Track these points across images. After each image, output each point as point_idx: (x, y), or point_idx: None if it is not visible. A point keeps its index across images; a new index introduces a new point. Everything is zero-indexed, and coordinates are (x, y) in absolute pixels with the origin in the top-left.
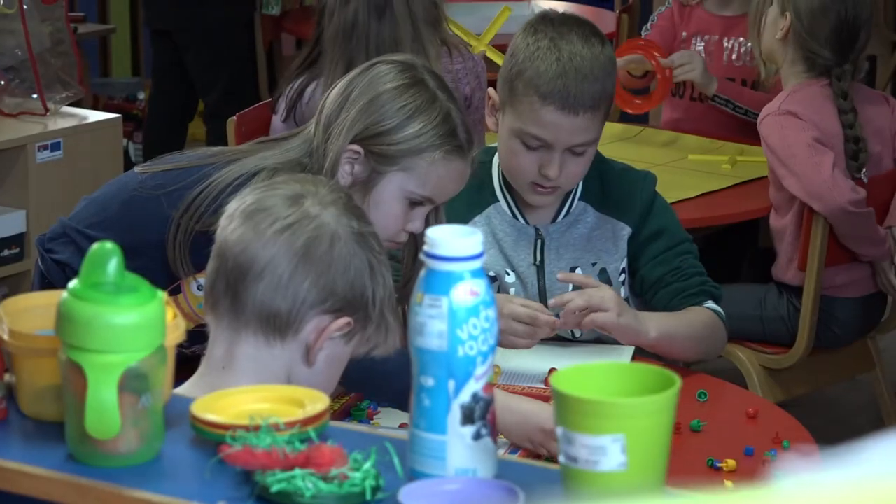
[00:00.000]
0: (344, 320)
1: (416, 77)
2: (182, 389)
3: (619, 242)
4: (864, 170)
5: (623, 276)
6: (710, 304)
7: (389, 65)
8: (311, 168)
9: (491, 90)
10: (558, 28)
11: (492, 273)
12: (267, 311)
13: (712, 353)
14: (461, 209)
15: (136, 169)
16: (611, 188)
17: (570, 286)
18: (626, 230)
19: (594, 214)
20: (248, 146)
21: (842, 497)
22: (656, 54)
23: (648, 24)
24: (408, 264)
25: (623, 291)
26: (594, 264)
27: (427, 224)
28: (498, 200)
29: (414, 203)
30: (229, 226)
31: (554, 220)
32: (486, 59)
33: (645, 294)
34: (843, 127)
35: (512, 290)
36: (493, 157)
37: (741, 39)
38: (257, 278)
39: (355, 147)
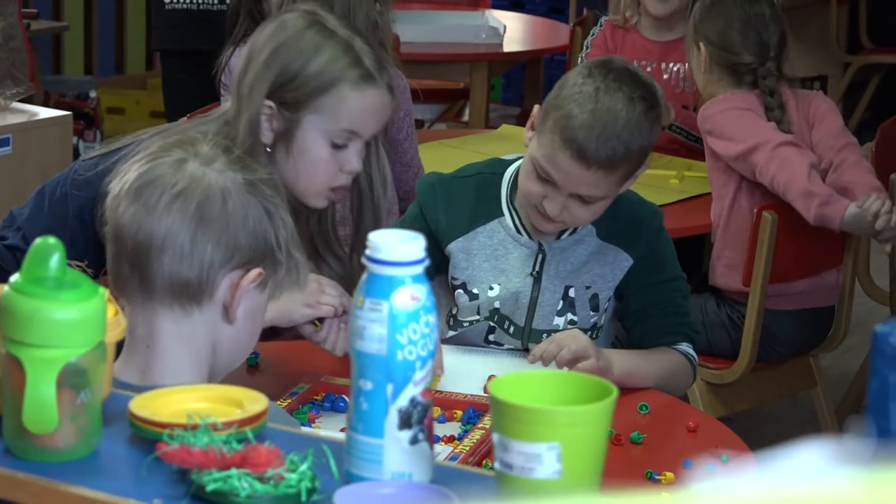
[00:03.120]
0: (255, 271)
1: (314, 19)
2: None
3: (617, 272)
4: None
5: (608, 304)
6: (684, 346)
7: (292, 14)
8: (231, 134)
9: (536, 107)
10: (609, 80)
11: (475, 290)
12: (177, 283)
13: (673, 393)
14: (464, 218)
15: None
16: (619, 218)
17: (556, 319)
18: (629, 262)
19: (597, 241)
20: (177, 122)
21: (757, 500)
22: None
23: (583, 54)
24: (355, 211)
25: (603, 318)
26: (588, 287)
27: (368, 164)
28: (503, 216)
29: (338, 145)
30: (119, 207)
31: (558, 237)
32: None
33: (625, 321)
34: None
35: (496, 303)
36: (505, 170)
37: (679, 65)
38: (160, 253)
39: (268, 102)
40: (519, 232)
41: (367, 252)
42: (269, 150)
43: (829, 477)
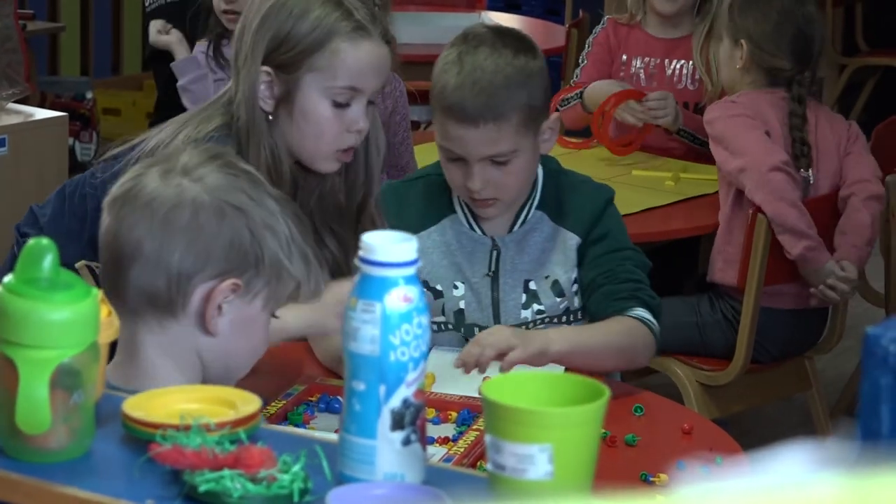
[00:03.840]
0: (229, 282)
1: None
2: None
3: (569, 253)
4: (811, 171)
5: (575, 287)
6: (639, 311)
7: None
8: (234, 112)
9: None
10: (470, 42)
11: (438, 287)
12: (147, 293)
13: (634, 363)
14: (415, 219)
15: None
16: (567, 199)
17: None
18: (575, 240)
19: (550, 225)
20: (184, 114)
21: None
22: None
23: (584, 54)
24: (359, 173)
25: (577, 301)
26: (547, 277)
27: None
28: (455, 212)
29: (339, 103)
30: (103, 218)
31: (511, 229)
32: None
33: (583, 297)
34: (791, 129)
35: (461, 304)
36: None
37: (683, 62)
38: (130, 262)
39: (265, 68)
40: (472, 228)
41: (360, 253)
42: (270, 117)
43: (817, 481)
